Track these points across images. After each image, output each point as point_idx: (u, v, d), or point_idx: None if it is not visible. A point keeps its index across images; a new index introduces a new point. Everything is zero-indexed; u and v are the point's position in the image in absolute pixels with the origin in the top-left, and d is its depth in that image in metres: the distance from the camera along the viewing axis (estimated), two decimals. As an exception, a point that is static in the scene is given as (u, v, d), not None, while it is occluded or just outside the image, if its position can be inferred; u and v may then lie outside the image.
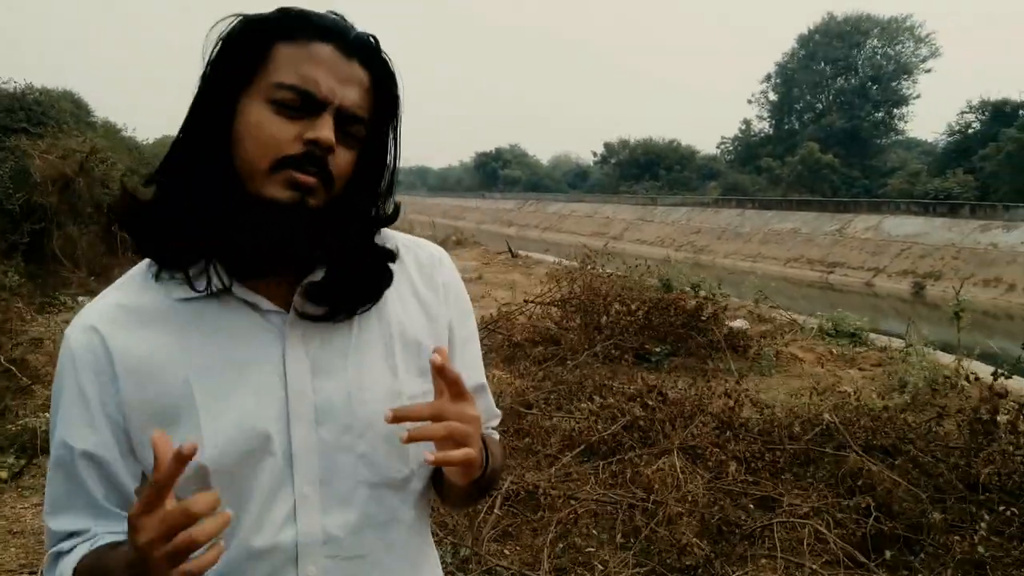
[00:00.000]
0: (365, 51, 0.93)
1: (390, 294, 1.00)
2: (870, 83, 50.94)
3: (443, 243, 22.14)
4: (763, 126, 55.49)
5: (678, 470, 3.85)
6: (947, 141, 44.83)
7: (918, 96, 51.45)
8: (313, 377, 0.94)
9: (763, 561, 3.35)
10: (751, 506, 3.76)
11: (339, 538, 0.95)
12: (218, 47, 0.90)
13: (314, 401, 0.93)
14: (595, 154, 64.64)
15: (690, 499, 3.67)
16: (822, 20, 53.39)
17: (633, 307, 7.42)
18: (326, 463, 0.94)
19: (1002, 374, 4.66)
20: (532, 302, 8.30)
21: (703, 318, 7.61)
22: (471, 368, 1.09)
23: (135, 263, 0.99)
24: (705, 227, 33.49)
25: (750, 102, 57.55)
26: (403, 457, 0.99)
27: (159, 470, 0.75)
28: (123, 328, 0.92)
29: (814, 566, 3.25)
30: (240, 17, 0.90)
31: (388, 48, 0.97)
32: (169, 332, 0.92)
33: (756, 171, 47.24)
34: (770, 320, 9.47)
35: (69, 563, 0.90)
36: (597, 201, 47.92)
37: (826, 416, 4.40)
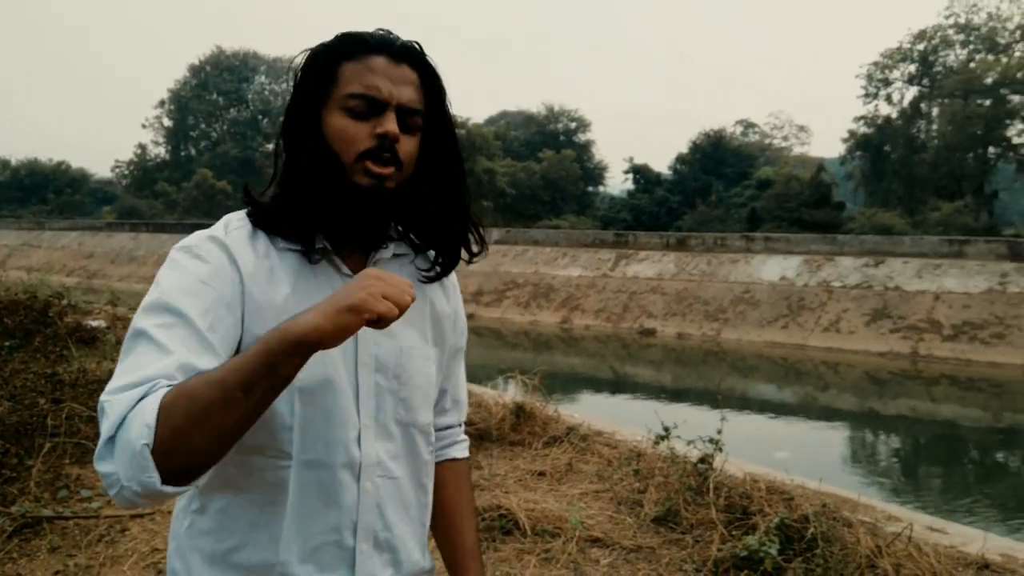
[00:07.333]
0: (411, 56, 1.12)
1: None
2: (261, 116, 55.19)
3: None
4: (159, 151, 55.36)
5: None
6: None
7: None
8: (375, 332, 1.09)
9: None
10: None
11: (385, 462, 1.15)
12: (299, 76, 1.11)
13: (376, 352, 1.13)
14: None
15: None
16: (211, 52, 55.83)
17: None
18: (379, 402, 1.14)
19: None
20: None
21: (50, 315, 8.70)
22: (460, 381, 1.36)
23: None
24: (98, 251, 32.61)
25: (144, 127, 57.11)
26: (428, 406, 1.23)
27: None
28: (242, 251, 1.08)
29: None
30: (310, 50, 1.12)
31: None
32: (273, 272, 1.09)
33: (153, 195, 47.41)
34: (128, 318, 10.94)
35: (154, 397, 0.90)
36: (-32, 227, 42.06)
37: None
